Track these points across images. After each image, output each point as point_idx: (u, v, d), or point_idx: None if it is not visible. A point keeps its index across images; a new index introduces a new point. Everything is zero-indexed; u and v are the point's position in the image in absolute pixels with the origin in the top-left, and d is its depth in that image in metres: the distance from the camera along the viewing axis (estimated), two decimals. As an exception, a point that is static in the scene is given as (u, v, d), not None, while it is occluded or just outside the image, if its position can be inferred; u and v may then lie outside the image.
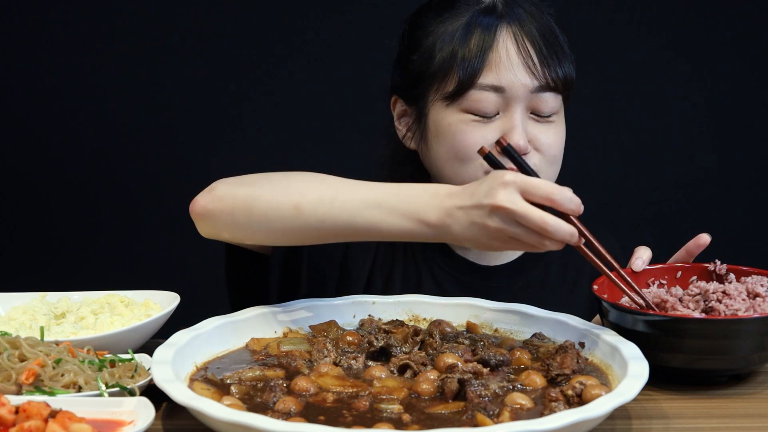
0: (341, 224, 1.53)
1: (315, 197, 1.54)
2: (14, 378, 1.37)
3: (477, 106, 1.74)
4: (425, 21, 1.82)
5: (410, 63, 1.82)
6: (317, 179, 1.58)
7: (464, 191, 1.46)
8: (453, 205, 1.45)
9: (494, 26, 1.75)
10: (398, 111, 1.88)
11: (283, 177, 1.61)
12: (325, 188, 1.55)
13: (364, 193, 1.52)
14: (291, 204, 1.54)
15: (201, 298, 1.92)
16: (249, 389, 1.40)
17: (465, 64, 1.74)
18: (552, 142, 1.78)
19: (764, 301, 1.54)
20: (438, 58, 1.77)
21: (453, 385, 1.37)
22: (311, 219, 1.54)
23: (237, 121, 3.16)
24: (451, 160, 1.77)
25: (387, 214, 1.50)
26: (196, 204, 1.61)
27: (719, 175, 3.24)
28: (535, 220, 1.40)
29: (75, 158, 3.13)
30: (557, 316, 1.61)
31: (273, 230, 1.58)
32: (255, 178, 1.63)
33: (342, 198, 1.52)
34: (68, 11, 3.07)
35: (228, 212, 1.59)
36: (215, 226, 1.62)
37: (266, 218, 1.56)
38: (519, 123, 1.74)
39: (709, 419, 1.41)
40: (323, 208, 1.53)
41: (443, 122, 1.77)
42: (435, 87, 1.78)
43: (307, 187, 1.56)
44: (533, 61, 1.74)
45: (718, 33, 3.17)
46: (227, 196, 1.59)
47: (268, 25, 3.11)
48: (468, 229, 1.45)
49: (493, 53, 1.74)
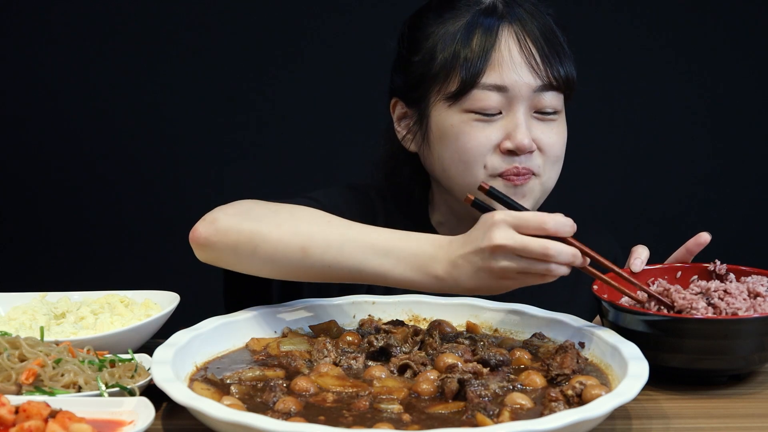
0: (347, 271, 1.55)
1: (323, 242, 1.54)
2: (14, 378, 1.37)
3: (480, 106, 1.74)
4: (425, 22, 1.81)
5: (411, 65, 1.81)
6: (324, 221, 1.58)
7: (463, 239, 1.48)
8: (456, 255, 1.48)
9: (496, 26, 1.75)
10: (398, 113, 1.87)
11: (289, 214, 1.60)
12: (334, 232, 1.55)
13: (372, 243, 1.53)
14: (298, 246, 1.55)
15: (201, 298, 1.92)
16: (249, 389, 1.40)
17: (468, 64, 1.74)
18: (554, 142, 1.78)
19: (765, 301, 1.54)
20: (439, 59, 1.77)
21: (453, 385, 1.37)
22: (318, 263, 1.55)
23: (237, 122, 3.16)
24: (456, 161, 1.77)
25: (395, 265, 1.52)
26: (198, 234, 1.59)
27: (719, 175, 3.24)
28: (536, 249, 1.43)
29: (75, 158, 3.13)
30: (557, 316, 1.61)
31: (277, 269, 1.58)
32: (259, 211, 1.61)
33: (350, 246, 1.53)
34: (67, 11, 3.06)
35: (231, 247, 1.58)
36: (216, 257, 1.61)
37: (272, 258, 1.56)
38: (523, 122, 1.74)
39: (709, 419, 1.41)
40: (331, 253, 1.54)
41: (446, 123, 1.77)
42: (437, 88, 1.77)
43: (315, 230, 1.55)
44: (536, 60, 1.74)
45: (718, 33, 3.17)
46: (231, 231, 1.58)
47: (266, 26, 3.11)
48: (475, 277, 1.47)
49: (496, 53, 1.74)
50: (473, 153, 1.75)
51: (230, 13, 3.11)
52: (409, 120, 1.85)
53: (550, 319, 1.61)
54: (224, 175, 3.11)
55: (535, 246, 1.43)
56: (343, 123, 3.06)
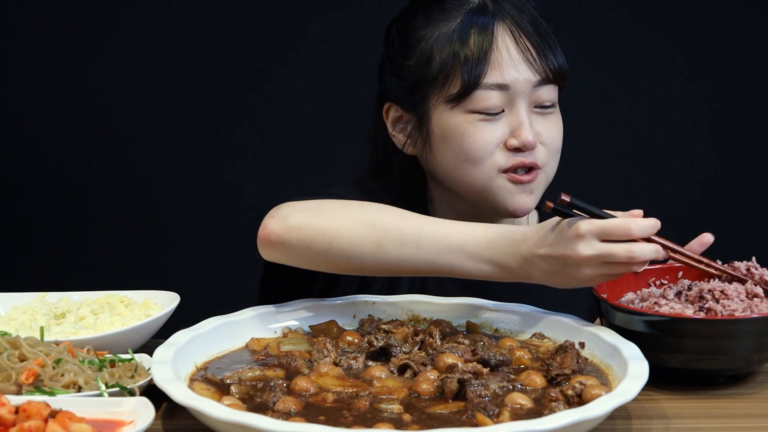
0: (422, 264, 1.56)
1: (398, 236, 1.55)
2: (14, 378, 1.37)
3: (483, 106, 1.74)
4: (414, 25, 1.80)
5: (405, 69, 1.80)
6: (396, 214, 1.59)
7: (541, 238, 1.50)
8: (532, 253, 1.51)
9: (491, 25, 1.76)
10: (392, 118, 1.86)
11: (360, 209, 1.60)
12: (408, 226, 1.56)
13: (446, 236, 1.55)
14: (374, 241, 1.56)
15: (201, 298, 1.92)
16: (249, 389, 1.40)
17: (468, 65, 1.74)
18: (554, 135, 1.80)
19: (762, 302, 1.54)
20: (437, 61, 1.76)
21: (453, 385, 1.37)
22: (393, 257, 1.56)
23: (237, 122, 3.15)
24: (462, 162, 1.77)
25: (468, 259, 1.54)
26: (269, 231, 1.58)
27: (721, 174, 3.23)
28: (622, 257, 1.46)
29: (75, 158, 3.12)
30: (557, 316, 1.61)
31: (351, 264, 1.59)
32: (330, 207, 1.61)
33: (427, 240, 1.55)
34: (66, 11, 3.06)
35: (305, 243, 1.57)
36: (287, 255, 1.60)
37: (346, 253, 1.57)
38: (526, 119, 1.75)
39: (709, 419, 1.41)
40: (407, 248, 1.55)
41: (449, 125, 1.77)
42: (437, 91, 1.77)
43: (389, 224, 1.57)
44: (532, 54, 1.75)
45: (720, 31, 3.16)
46: (306, 227, 1.57)
47: (265, 25, 3.11)
48: (552, 276, 1.52)
49: (495, 52, 1.74)
50: (480, 153, 1.75)
51: (230, 13, 3.11)
52: (407, 124, 1.84)
53: (550, 319, 1.61)
54: (224, 175, 3.11)
55: (620, 254, 1.46)
56: (343, 122, 3.05)
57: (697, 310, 1.52)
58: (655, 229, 1.48)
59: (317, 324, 1.63)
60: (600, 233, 1.46)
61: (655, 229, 1.48)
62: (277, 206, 1.63)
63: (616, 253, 1.46)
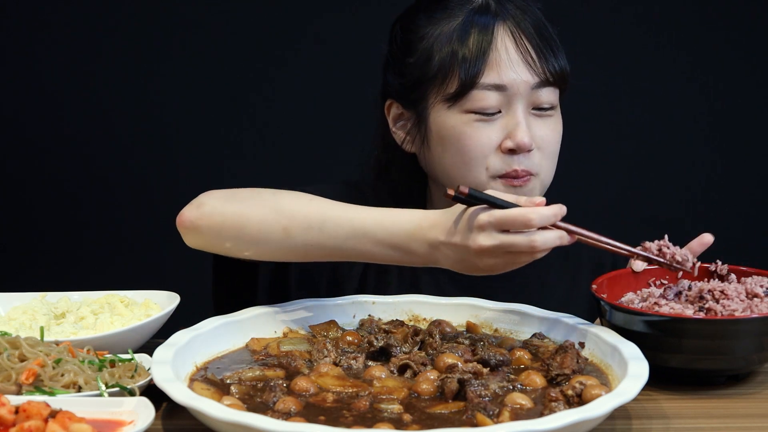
0: (329, 249, 1.57)
1: (304, 222, 1.56)
2: (14, 378, 1.37)
3: (480, 106, 1.74)
4: (417, 23, 1.81)
5: (406, 66, 1.81)
6: (305, 201, 1.60)
7: (446, 225, 1.48)
8: (437, 240, 1.49)
9: (491, 25, 1.75)
10: (393, 115, 1.87)
11: (271, 196, 1.62)
12: (314, 212, 1.57)
13: (351, 222, 1.54)
14: (280, 227, 1.57)
15: (201, 298, 1.92)
16: (249, 389, 1.40)
17: (466, 64, 1.74)
18: (551, 138, 1.79)
19: (762, 302, 1.54)
20: (436, 60, 1.76)
21: (453, 385, 1.37)
22: (299, 243, 1.57)
23: (237, 121, 3.15)
24: (458, 163, 1.77)
25: (374, 244, 1.54)
26: (183, 217, 1.62)
27: (720, 175, 3.23)
28: (522, 246, 1.44)
29: (75, 158, 3.12)
30: (557, 316, 1.61)
31: (261, 249, 1.60)
32: (243, 194, 1.63)
33: (330, 225, 1.55)
34: (66, 11, 3.06)
35: (216, 229, 1.60)
36: (202, 241, 1.63)
37: (255, 239, 1.58)
38: (522, 120, 1.75)
39: (709, 419, 1.41)
40: (312, 233, 1.56)
41: (446, 124, 1.77)
42: (435, 89, 1.77)
43: (296, 210, 1.57)
44: (532, 56, 1.75)
45: (720, 32, 3.17)
46: (216, 214, 1.60)
47: (264, 25, 3.11)
48: (458, 264, 1.50)
49: (493, 52, 1.74)
50: (475, 154, 1.75)
51: (230, 13, 3.11)
52: (407, 122, 1.85)
53: (550, 319, 1.61)
54: (224, 174, 3.11)
55: (521, 242, 1.44)
56: (342, 122, 3.05)
57: (697, 310, 1.52)
58: (558, 217, 1.45)
59: (317, 324, 1.63)
60: (499, 224, 1.44)
61: (558, 217, 1.45)
62: (199, 195, 1.65)
63: (517, 243, 1.44)
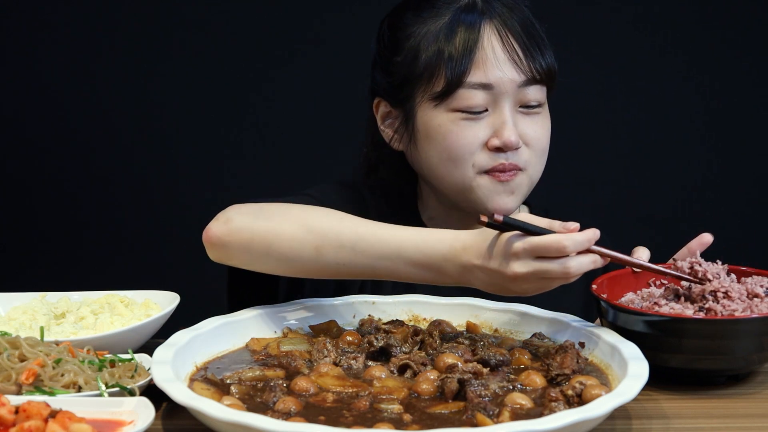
0: (361, 268, 1.56)
1: (336, 241, 1.55)
2: (14, 378, 1.37)
3: (466, 104, 1.75)
4: (405, 22, 1.81)
5: (394, 65, 1.81)
6: (336, 218, 1.59)
7: (480, 249, 1.48)
8: (470, 263, 1.49)
9: (478, 23, 1.76)
10: (382, 113, 1.87)
11: (301, 212, 1.60)
12: (346, 231, 1.56)
13: (384, 242, 1.54)
14: (312, 246, 1.56)
15: (201, 298, 1.92)
16: (249, 389, 1.40)
17: (452, 63, 1.74)
18: (540, 136, 1.79)
19: (762, 302, 1.54)
20: (423, 58, 1.77)
21: (453, 385, 1.37)
22: (331, 262, 1.56)
23: (236, 122, 3.15)
24: (444, 161, 1.78)
25: (407, 265, 1.53)
26: (211, 233, 1.61)
27: (719, 174, 3.23)
28: (557, 273, 1.45)
29: (75, 158, 3.12)
30: (557, 316, 1.61)
31: (291, 267, 1.59)
32: (272, 209, 1.62)
33: (363, 245, 1.54)
34: (66, 11, 3.06)
35: (245, 246, 1.59)
36: (229, 257, 1.62)
37: (285, 257, 1.57)
38: (509, 119, 1.75)
39: (709, 419, 1.41)
40: (344, 253, 1.55)
41: (433, 123, 1.77)
42: (422, 88, 1.78)
43: (327, 229, 1.56)
44: (518, 55, 1.75)
45: (717, 31, 3.17)
46: (245, 230, 1.59)
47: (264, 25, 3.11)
48: (491, 286, 1.50)
49: (480, 51, 1.75)
50: (461, 152, 1.76)
51: (230, 13, 3.11)
52: (395, 120, 1.85)
53: (550, 319, 1.61)
54: (224, 174, 3.11)
55: (555, 269, 1.44)
56: (342, 122, 3.05)
57: (697, 310, 1.52)
58: (592, 242, 1.45)
59: (317, 324, 1.63)
60: (534, 251, 1.44)
61: (592, 242, 1.45)
62: (225, 209, 1.64)
63: (551, 270, 1.44)
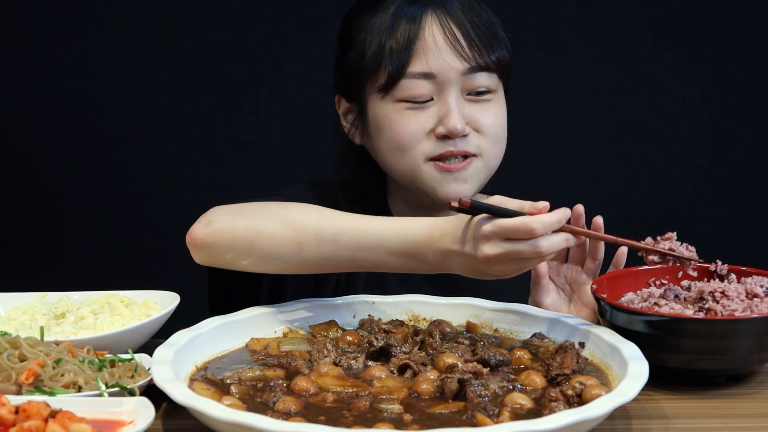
0: (343, 261, 1.57)
1: (316, 235, 1.56)
2: (14, 378, 1.37)
3: (410, 94, 1.77)
4: (358, 16, 1.85)
5: (346, 61, 1.85)
6: (315, 213, 1.60)
7: (455, 234, 1.49)
8: (447, 248, 1.50)
9: (419, 14, 1.78)
10: (342, 109, 1.91)
11: (281, 209, 1.62)
12: (326, 224, 1.57)
13: (364, 233, 1.55)
14: (293, 241, 1.57)
15: (201, 298, 1.92)
16: (249, 389, 1.40)
17: (393, 55, 1.76)
18: (492, 122, 1.80)
19: (762, 302, 1.54)
20: (369, 52, 1.80)
21: (453, 385, 1.37)
22: (314, 256, 1.57)
23: (236, 122, 3.15)
24: (393, 150, 1.80)
25: (387, 254, 1.54)
26: (194, 235, 1.62)
27: (719, 174, 3.23)
28: (528, 253, 1.45)
29: (75, 158, 3.12)
30: (557, 316, 1.61)
31: (274, 264, 1.60)
32: (252, 209, 1.63)
33: (344, 237, 1.55)
34: (67, 12, 3.06)
35: (228, 246, 1.60)
36: (214, 258, 1.63)
37: (268, 254, 1.59)
38: (454, 106, 1.77)
39: (709, 419, 1.41)
40: (326, 246, 1.56)
41: (380, 114, 1.80)
42: (370, 81, 1.81)
43: (307, 223, 1.57)
44: (461, 44, 1.77)
45: (715, 30, 3.16)
46: (227, 230, 1.60)
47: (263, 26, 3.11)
48: (469, 270, 1.51)
49: (420, 41, 1.77)
50: (407, 140, 1.78)
51: (230, 13, 3.11)
52: (352, 115, 1.89)
53: (550, 319, 1.61)
54: (224, 175, 3.11)
55: (526, 249, 1.44)
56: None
57: (697, 310, 1.52)
58: (562, 222, 1.46)
59: (317, 324, 1.63)
60: (502, 234, 1.45)
61: (562, 222, 1.46)
62: (207, 211, 1.65)
63: (522, 250, 1.45)
